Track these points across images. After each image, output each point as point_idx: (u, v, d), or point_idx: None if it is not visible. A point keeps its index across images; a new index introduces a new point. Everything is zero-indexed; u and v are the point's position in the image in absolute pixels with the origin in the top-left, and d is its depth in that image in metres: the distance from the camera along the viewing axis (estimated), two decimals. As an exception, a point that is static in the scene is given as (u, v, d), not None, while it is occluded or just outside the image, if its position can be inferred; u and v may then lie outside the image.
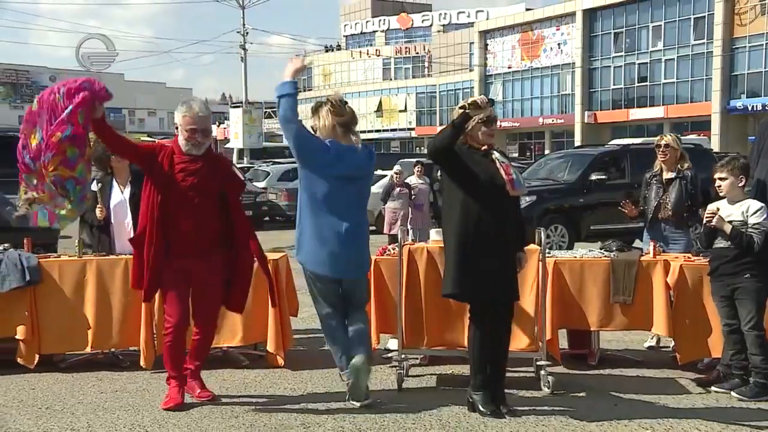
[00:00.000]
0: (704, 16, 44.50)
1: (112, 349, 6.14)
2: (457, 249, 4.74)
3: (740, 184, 5.23)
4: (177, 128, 4.99)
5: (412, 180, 13.85)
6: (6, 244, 5.98)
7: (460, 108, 4.70)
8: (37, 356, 5.80)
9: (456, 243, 4.75)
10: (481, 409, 4.75)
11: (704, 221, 5.25)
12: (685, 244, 6.43)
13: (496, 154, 4.81)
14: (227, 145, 39.82)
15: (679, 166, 6.65)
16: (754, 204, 5.17)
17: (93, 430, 4.58)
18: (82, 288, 5.84)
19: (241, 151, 36.57)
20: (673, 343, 6.01)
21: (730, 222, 5.13)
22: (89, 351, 5.97)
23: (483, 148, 4.83)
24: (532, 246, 5.40)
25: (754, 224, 5.09)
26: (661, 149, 6.66)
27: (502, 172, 4.72)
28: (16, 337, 5.75)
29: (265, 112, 51.35)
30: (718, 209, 5.19)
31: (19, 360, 5.74)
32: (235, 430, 4.53)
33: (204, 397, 5.05)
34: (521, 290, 5.13)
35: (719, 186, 5.25)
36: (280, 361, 5.84)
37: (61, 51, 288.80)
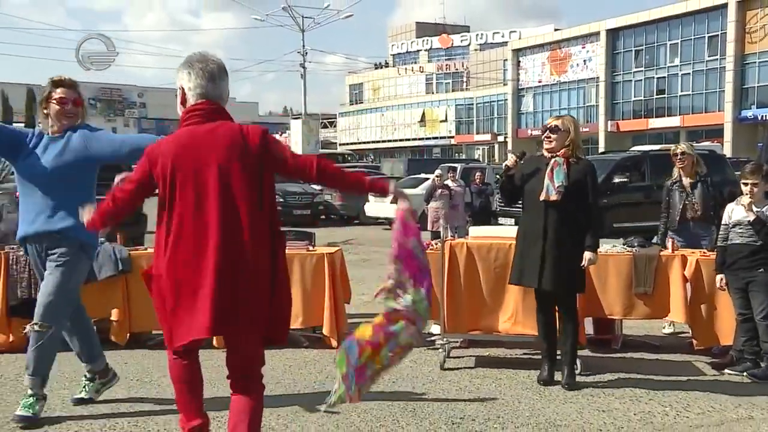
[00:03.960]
0: (717, 35, 43.50)
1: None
2: (515, 241, 5.06)
3: (766, 190, 5.18)
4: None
5: (450, 183, 13.81)
6: (101, 238, 6.12)
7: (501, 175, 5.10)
8: (127, 335, 5.94)
9: (516, 237, 5.07)
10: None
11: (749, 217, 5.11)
12: (710, 240, 6.23)
13: (552, 162, 4.80)
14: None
15: (697, 170, 6.51)
16: None
17: (176, 400, 4.65)
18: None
19: (300, 158, 36.93)
20: (689, 330, 5.90)
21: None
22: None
23: (548, 155, 4.89)
24: None
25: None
26: (678, 157, 6.52)
27: (546, 179, 4.75)
28: (111, 318, 5.90)
29: (322, 122, 51.50)
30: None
31: (112, 338, 5.89)
32: (298, 402, 4.57)
33: None
34: None
35: (751, 190, 5.13)
36: (334, 342, 5.87)
37: (147, 71, 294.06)
